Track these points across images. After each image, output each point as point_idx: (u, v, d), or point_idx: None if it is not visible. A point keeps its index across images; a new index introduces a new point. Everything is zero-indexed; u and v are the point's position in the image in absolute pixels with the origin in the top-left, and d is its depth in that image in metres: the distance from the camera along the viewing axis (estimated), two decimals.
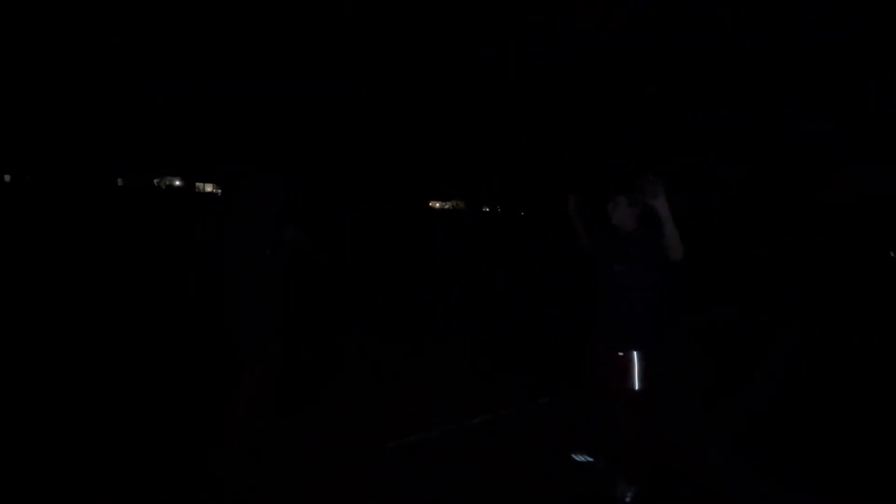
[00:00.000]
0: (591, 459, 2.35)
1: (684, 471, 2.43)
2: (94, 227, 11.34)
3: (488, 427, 2.79)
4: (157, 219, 14.41)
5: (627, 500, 2.10)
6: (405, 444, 2.49)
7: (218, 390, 2.24)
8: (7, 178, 30.82)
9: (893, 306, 7.81)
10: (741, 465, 2.47)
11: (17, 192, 21.64)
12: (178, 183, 40.68)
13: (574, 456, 2.37)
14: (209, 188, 40.54)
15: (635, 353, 2.04)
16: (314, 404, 2.95)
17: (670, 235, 1.82)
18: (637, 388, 2.04)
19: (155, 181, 38.45)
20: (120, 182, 34.86)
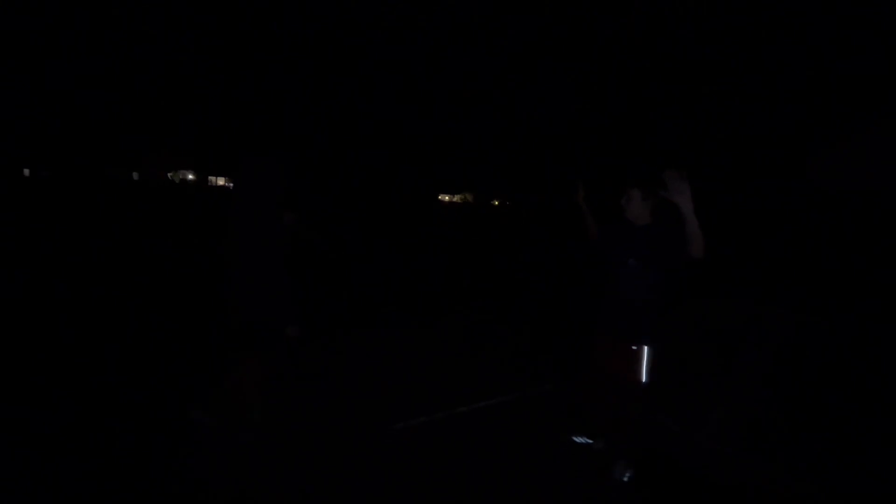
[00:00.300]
0: (590, 441, 2.44)
1: (681, 456, 2.50)
2: (112, 218, 11.43)
3: (494, 411, 2.86)
4: (171, 210, 14.48)
5: (625, 479, 2.18)
6: (412, 426, 2.57)
7: (228, 373, 2.29)
8: (26, 172, 31.03)
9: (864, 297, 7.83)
10: (737, 452, 2.52)
11: (35, 185, 21.68)
12: (190, 176, 40.88)
13: (574, 438, 2.46)
14: (221, 181, 40.74)
15: (646, 347, 2.08)
16: (323, 387, 3.02)
17: (693, 233, 1.78)
18: (645, 379, 2.09)
19: (169, 175, 38.69)
20: (135, 176, 35.21)
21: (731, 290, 7.51)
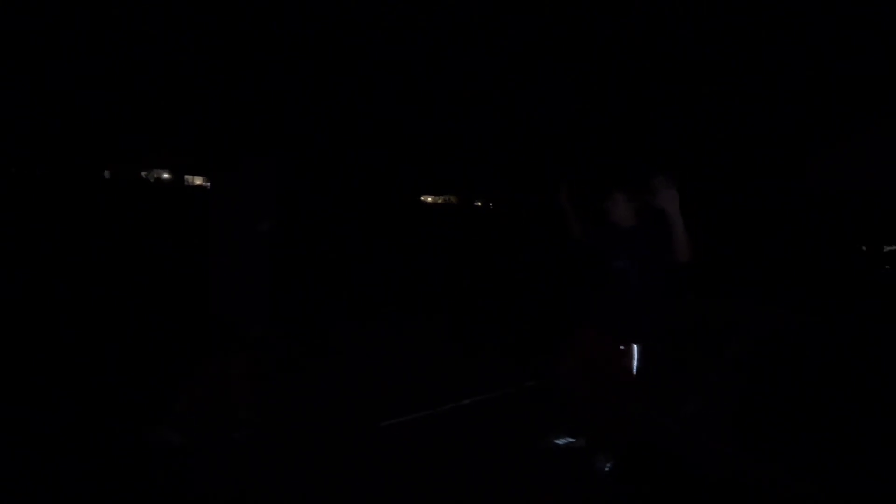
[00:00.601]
0: (572, 440, 2.44)
1: (668, 448, 2.54)
2: (81, 219, 11.39)
3: (478, 407, 2.91)
4: (145, 212, 14.43)
5: (606, 470, 2.23)
6: (398, 424, 2.61)
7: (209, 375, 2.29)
8: None
9: (862, 297, 7.87)
10: (724, 444, 2.56)
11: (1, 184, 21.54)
12: (166, 176, 40.09)
13: (556, 441, 2.45)
14: (198, 181, 40.06)
15: (635, 346, 2.12)
16: (313, 385, 3.05)
17: (680, 238, 1.82)
18: (635, 376, 2.12)
19: (143, 174, 37.86)
20: (107, 174, 34.23)
21: (732, 290, 7.52)
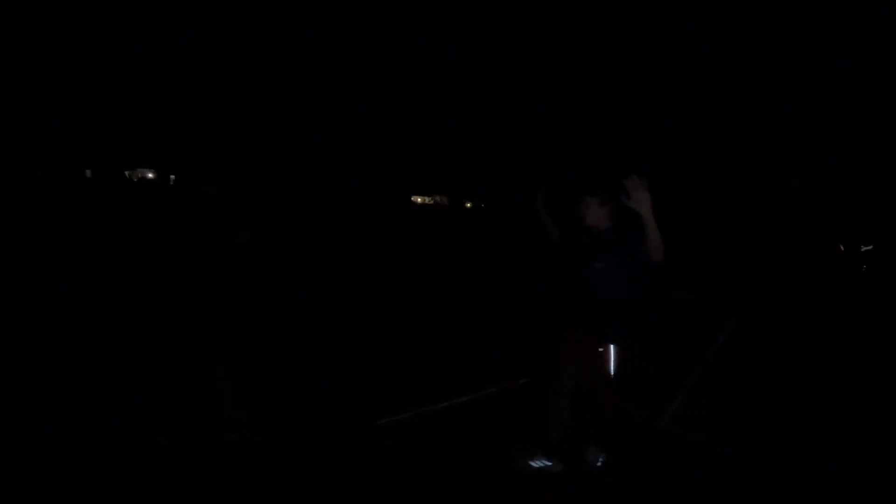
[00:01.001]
0: (548, 463, 2.31)
1: (667, 448, 2.57)
2: (62, 218, 11.32)
3: (472, 405, 2.99)
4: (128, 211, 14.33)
5: (598, 463, 2.27)
6: (394, 422, 2.68)
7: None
8: None
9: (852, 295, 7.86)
10: (723, 444, 2.58)
11: None
12: (150, 175, 39.34)
13: (531, 462, 2.31)
14: None
15: (612, 346, 2.17)
16: (308, 388, 3.10)
17: (653, 238, 1.89)
18: (613, 373, 2.18)
19: (126, 173, 37.15)
20: (88, 173, 33.44)
21: (732, 290, 7.52)
